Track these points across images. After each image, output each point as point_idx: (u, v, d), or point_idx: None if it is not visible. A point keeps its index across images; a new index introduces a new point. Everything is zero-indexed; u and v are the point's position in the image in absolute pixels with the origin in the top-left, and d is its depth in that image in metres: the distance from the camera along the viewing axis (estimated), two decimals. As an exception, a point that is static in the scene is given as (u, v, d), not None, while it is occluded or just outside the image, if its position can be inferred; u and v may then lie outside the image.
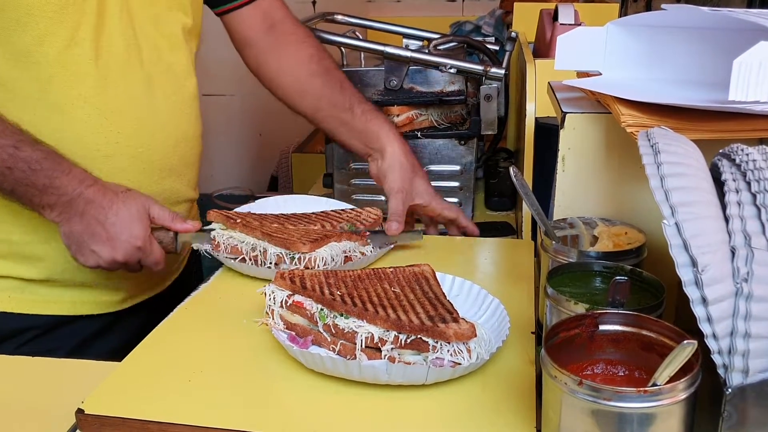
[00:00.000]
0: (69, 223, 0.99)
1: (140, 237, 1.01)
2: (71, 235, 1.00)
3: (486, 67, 1.25)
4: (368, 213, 1.14)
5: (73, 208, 0.99)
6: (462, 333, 0.76)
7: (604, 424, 0.61)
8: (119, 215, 1.00)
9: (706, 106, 0.75)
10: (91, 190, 1.00)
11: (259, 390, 0.80)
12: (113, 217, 1.00)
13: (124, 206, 1.01)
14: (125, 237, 1.00)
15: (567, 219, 0.91)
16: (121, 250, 1.00)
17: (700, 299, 0.59)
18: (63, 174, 0.99)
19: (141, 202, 1.03)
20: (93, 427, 0.75)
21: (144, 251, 1.02)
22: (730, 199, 0.62)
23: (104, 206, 1.00)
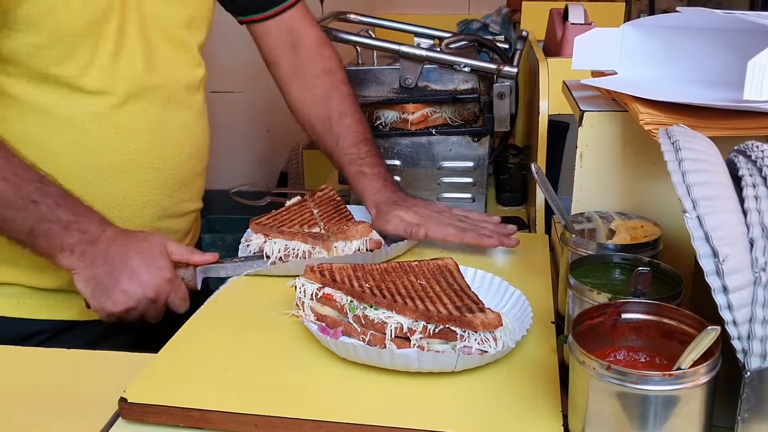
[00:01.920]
0: (92, 266, 0.98)
1: (167, 269, 1.01)
2: (95, 278, 0.98)
3: (499, 65, 1.29)
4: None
5: (96, 249, 0.98)
6: (489, 322, 0.80)
7: (630, 407, 0.64)
8: (142, 252, 1.00)
9: (720, 105, 0.78)
10: (112, 230, 1.00)
11: (294, 378, 0.83)
12: (137, 255, 0.99)
13: (146, 243, 1.01)
14: (153, 272, 0.99)
15: (584, 213, 0.94)
16: (151, 286, 0.99)
17: (721, 288, 0.62)
18: (85, 212, 0.99)
19: (159, 239, 1.03)
20: (136, 415, 0.79)
21: (173, 285, 1.01)
22: (747, 194, 0.66)
23: (126, 245, 0.99)
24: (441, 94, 1.33)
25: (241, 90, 2.40)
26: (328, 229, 1.11)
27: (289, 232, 1.10)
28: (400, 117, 1.35)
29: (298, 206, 1.21)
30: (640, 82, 0.91)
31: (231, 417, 0.76)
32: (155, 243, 1.02)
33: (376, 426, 0.74)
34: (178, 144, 1.15)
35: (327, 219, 1.16)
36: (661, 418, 0.64)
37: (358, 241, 1.08)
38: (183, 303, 1.03)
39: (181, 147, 1.16)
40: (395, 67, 1.32)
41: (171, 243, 1.04)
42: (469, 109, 1.37)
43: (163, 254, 1.01)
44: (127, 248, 0.99)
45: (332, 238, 1.08)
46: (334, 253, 1.06)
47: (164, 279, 1.00)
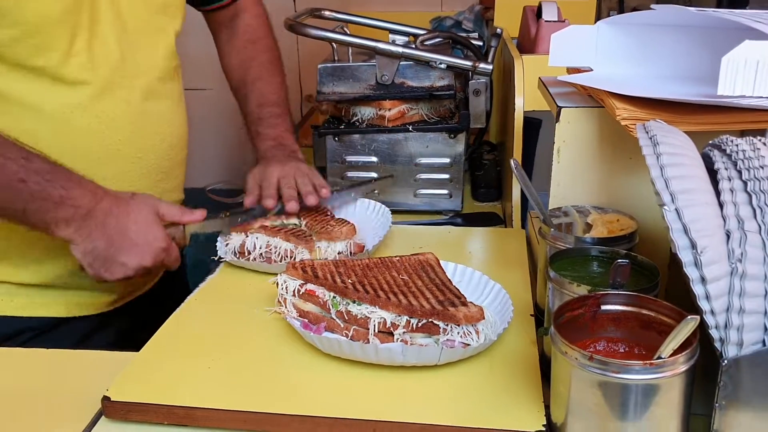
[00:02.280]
0: (90, 238, 0.98)
1: (163, 238, 1.02)
2: (94, 252, 0.99)
3: (475, 62, 1.30)
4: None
5: (92, 221, 0.98)
6: (471, 315, 0.81)
7: (612, 396, 0.66)
8: (138, 222, 1.01)
9: (695, 100, 0.80)
10: (106, 202, 1.00)
11: (278, 374, 0.83)
12: (134, 225, 1.00)
13: (139, 212, 1.02)
14: (150, 241, 1.01)
15: (562, 208, 0.96)
16: (149, 255, 1.01)
17: (699, 278, 0.64)
18: (76, 185, 0.98)
19: (150, 203, 1.04)
20: (119, 414, 0.78)
21: (169, 250, 1.03)
22: (723, 187, 0.67)
23: (122, 215, 1.00)
24: (417, 90, 1.34)
25: (212, 87, 2.38)
26: (310, 227, 1.11)
27: (271, 228, 1.10)
28: (376, 114, 1.36)
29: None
30: (615, 78, 0.92)
31: (216, 414, 0.77)
32: (149, 210, 1.03)
33: (362, 420, 0.74)
34: (159, 133, 1.16)
35: (306, 215, 1.16)
36: (642, 407, 0.66)
37: (342, 243, 1.08)
38: (176, 262, 1.06)
39: (162, 136, 1.17)
40: (372, 63, 1.33)
41: (162, 205, 1.05)
42: (445, 105, 1.38)
43: (156, 221, 1.03)
44: (123, 219, 1.00)
45: (315, 237, 1.08)
46: (317, 253, 1.06)
47: (160, 248, 1.01)
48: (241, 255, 1.09)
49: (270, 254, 1.07)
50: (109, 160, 1.09)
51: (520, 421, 0.73)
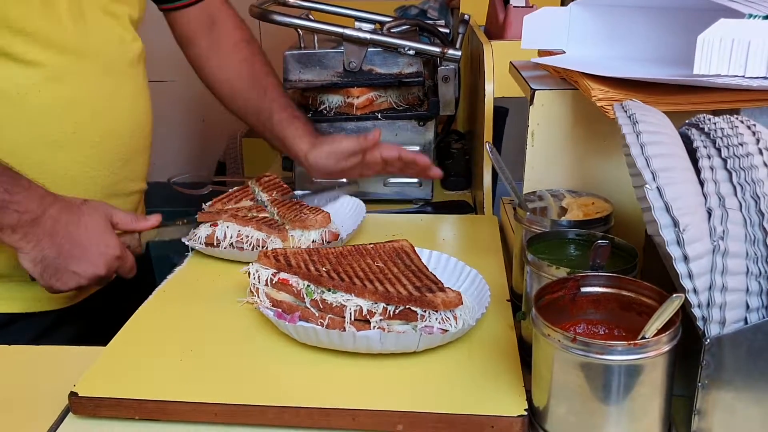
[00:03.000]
0: (38, 247, 0.94)
1: (116, 245, 0.99)
2: (44, 261, 0.95)
3: (443, 49, 1.29)
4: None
5: (40, 229, 0.94)
6: (449, 301, 0.79)
7: (595, 377, 0.65)
8: (89, 229, 0.97)
9: (671, 80, 0.80)
10: (56, 208, 0.96)
11: (252, 365, 0.81)
12: (85, 233, 0.97)
13: (91, 219, 0.98)
14: (102, 250, 0.98)
15: (536, 192, 0.95)
16: (102, 264, 0.97)
17: (682, 257, 0.64)
18: (23, 190, 0.93)
19: (103, 210, 1.01)
20: (87, 410, 0.75)
21: (122, 259, 1.00)
22: (703, 165, 0.67)
23: (72, 222, 0.96)
24: (386, 77, 1.32)
25: (173, 79, 2.33)
26: (283, 216, 1.09)
27: (242, 217, 1.07)
28: (344, 101, 1.34)
29: (240, 191, 1.19)
30: (588, 59, 0.92)
31: (189, 407, 0.74)
32: (100, 217, 0.99)
33: (340, 409, 0.72)
34: (120, 118, 1.12)
35: (278, 204, 1.13)
36: (626, 388, 0.65)
37: (316, 232, 1.06)
38: (131, 272, 1.03)
39: (123, 121, 1.13)
40: (339, 50, 1.31)
41: (116, 213, 1.02)
42: (413, 93, 1.37)
43: (109, 228, 1.00)
44: (74, 226, 0.96)
45: (289, 226, 1.06)
46: (291, 242, 1.04)
47: (113, 256, 0.99)
48: (209, 245, 1.06)
49: (241, 243, 1.05)
50: (67, 143, 1.05)
51: (501, 406, 0.72)
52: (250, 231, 1.05)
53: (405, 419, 0.72)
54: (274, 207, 1.13)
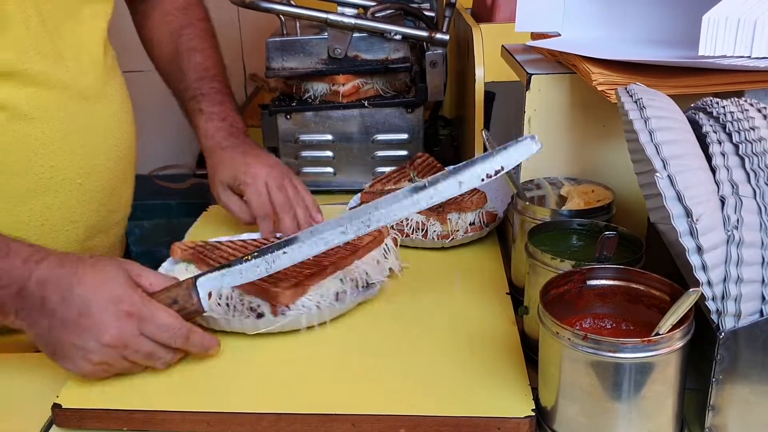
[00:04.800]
0: (32, 324, 0.74)
1: (124, 299, 0.73)
2: (43, 339, 0.74)
3: (431, 33, 1.25)
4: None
5: (27, 301, 0.73)
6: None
7: (607, 375, 0.62)
8: (86, 282, 0.74)
9: (676, 62, 0.77)
10: (44, 266, 0.74)
11: (245, 371, 0.77)
12: (80, 287, 0.73)
13: (92, 269, 0.75)
14: (104, 305, 0.73)
15: (534, 180, 0.92)
16: (106, 328, 0.72)
17: (696, 248, 0.61)
18: (2, 253, 0.75)
19: (116, 263, 0.78)
20: (72, 422, 0.72)
21: (140, 318, 0.73)
22: (714, 151, 0.64)
23: (66, 278, 0.74)
24: (372, 64, 1.28)
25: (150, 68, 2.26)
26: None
27: None
28: (330, 89, 1.30)
29: (398, 172, 1.17)
30: (585, 42, 0.88)
31: (180, 416, 0.71)
32: (109, 267, 0.76)
33: (339, 415, 0.69)
34: (102, 149, 0.97)
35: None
36: (639, 386, 0.62)
37: (473, 213, 1.02)
38: (176, 335, 0.75)
39: (107, 152, 0.98)
40: (323, 36, 1.27)
41: (137, 269, 0.78)
42: (400, 79, 1.33)
43: (118, 278, 0.75)
44: (66, 282, 0.74)
45: (446, 209, 1.02)
46: (448, 225, 1.01)
47: (121, 312, 0.73)
48: None
49: (402, 227, 1.02)
50: (40, 191, 0.90)
51: (507, 407, 0.69)
52: (411, 214, 1.00)
53: (407, 424, 0.69)
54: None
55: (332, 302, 0.85)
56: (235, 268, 0.78)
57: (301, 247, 0.78)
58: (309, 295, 0.83)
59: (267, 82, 1.40)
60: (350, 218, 0.77)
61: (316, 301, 0.84)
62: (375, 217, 0.77)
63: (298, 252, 0.78)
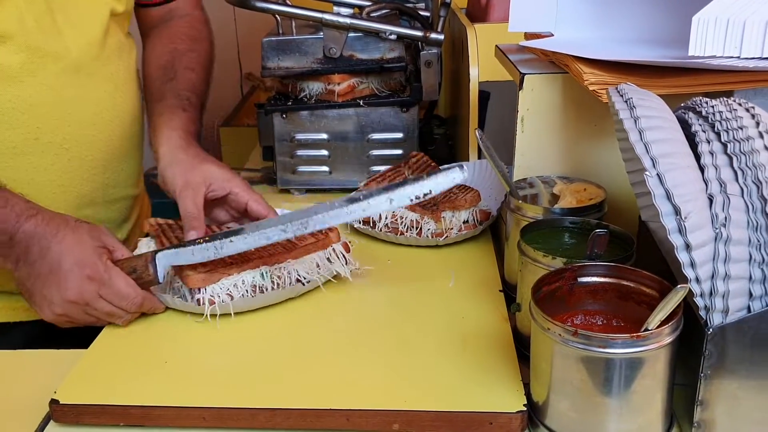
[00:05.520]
0: (17, 268, 0.86)
1: (89, 264, 0.84)
2: (21, 283, 0.87)
3: (426, 32, 1.26)
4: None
5: (15, 249, 0.85)
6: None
7: (597, 371, 0.63)
8: (64, 242, 0.85)
9: (666, 62, 0.78)
10: (32, 222, 0.85)
11: (241, 366, 0.78)
12: (56, 246, 0.84)
13: (71, 232, 0.86)
14: (70, 266, 0.83)
15: (527, 179, 0.93)
16: (68, 285, 0.83)
17: (684, 245, 0.62)
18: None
19: (93, 229, 0.88)
20: (69, 417, 0.72)
21: (100, 282, 0.84)
22: (702, 150, 0.65)
23: (48, 236, 0.85)
24: (367, 63, 1.29)
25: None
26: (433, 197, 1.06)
27: None
28: (325, 89, 1.30)
29: (394, 171, 1.18)
30: (577, 42, 0.89)
31: (176, 412, 0.72)
32: (86, 232, 0.87)
33: (334, 410, 0.70)
34: (93, 122, 1.03)
35: None
36: (628, 381, 0.63)
37: (466, 212, 1.04)
38: (125, 303, 0.85)
39: (99, 125, 1.04)
40: (319, 36, 1.27)
41: (110, 239, 0.89)
42: (395, 79, 1.34)
43: (91, 244, 0.86)
44: (47, 240, 0.85)
45: (440, 207, 1.03)
46: (443, 223, 1.02)
47: (82, 275, 0.84)
48: (366, 223, 1.06)
49: (396, 225, 1.04)
50: (28, 150, 0.97)
51: (499, 402, 0.70)
52: (404, 212, 1.03)
53: (401, 418, 0.69)
54: None
55: (247, 294, 0.86)
56: (188, 248, 0.87)
57: (245, 238, 0.85)
58: (221, 284, 0.86)
59: (263, 81, 1.41)
60: (291, 219, 0.85)
61: (227, 290, 0.85)
62: (313, 220, 0.84)
63: (243, 242, 0.85)
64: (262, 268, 0.88)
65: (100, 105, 1.04)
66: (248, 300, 0.86)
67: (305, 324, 0.85)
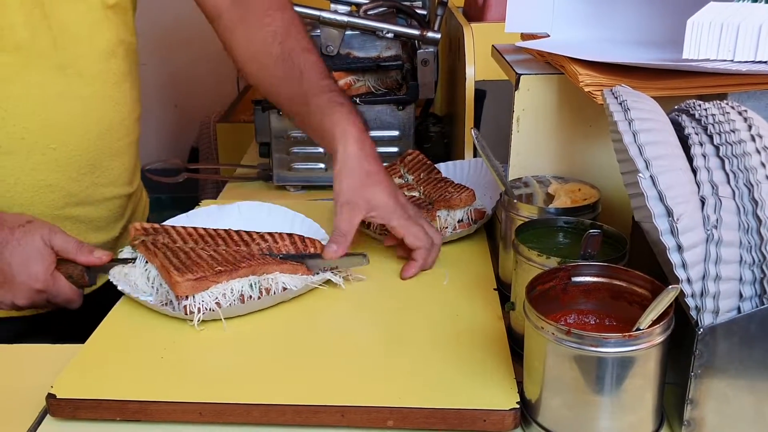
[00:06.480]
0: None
1: (39, 278, 0.91)
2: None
3: (422, 31, 1.26)
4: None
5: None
6: None
7: (589, 369, 0.64)
8: (14, 255, 0.90)
9: (660, 64, 0.78)
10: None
11: (237, 362, 0.79)
12: (8, 257, 0.90)
13: (19, 245, 0.91)
14: (23, 279, 0.90)
15: (522, 178, 0.94)
16: (20, 295, 0.91)
17: (676, 247, 0.63)
18: None
19: (40, 235, 0.92)
20: (66, 412, 0.73)
21: (48, 292, 0.92)
22: (695, 152, 0.66)
23: (2, 245, 0.90)
24: (364, 61, 1.29)
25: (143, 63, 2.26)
26: (428, 195, 1.06)
27: None
28: (322, 86, 1.31)
29: (389, 170, 1.14)
30: (573, 43, 0.90)
31: (172, 407, 0.72)
32: (33, 242, 0.91)
33: (328, 406, 0.71)
34: (82, 122, 1.01)
35: (423, 183, 1.11)
36: (620, 379, 0.64)
37: (461, 211, 1.03)
38: (69, 305, 0.94)
39: (87, 125, 1.02)
40: (316, 34, 1.28)
41: (57, 237, 0.92)
42: (392, 77, 1.34)
43: (40, 256, 0.91)
44: (1, 250, 0.90)
45: (435, 206, 1.03)
46: (438, 222, 1.01)
47: (33, 288, 0.91)
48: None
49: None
50: (15, 149, 0.97)
51: (493, 400, 0.71)
52: None
53: (395, 415, 0.70)
54: (420, 186, 1.10)
55: (235, 303, 0.85)
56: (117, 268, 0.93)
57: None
58: (210, 292, 0.84)
59: (259, 77, 1.41)
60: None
61: (215, 299, 0.84)
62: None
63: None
64: (250, 278, 0.86)
65: (90, 104, 1.03)
66: (236, 308, 0.85)
67: (300, 321, 0.86)
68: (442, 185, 1.10)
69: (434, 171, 1.17)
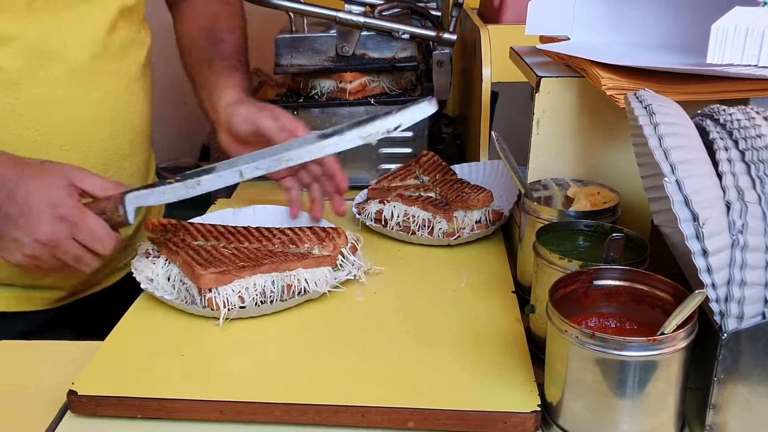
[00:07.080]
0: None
1: (61, 204, 0.83)
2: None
3: (438, 32, 1.26)
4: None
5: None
6: None
7: (612, 373, 0.64)
8: (30, 185, 0.84)
9: (684, 69, 0.78)
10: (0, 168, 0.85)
11: (258, 361, 0.79)
12: (24, 188, 0.83)
13: (38, 175, 0.85)
14: (42, 207, 0.82)
15: (541, 181, 0.94)
16: (41, 227, 0.82)
17: (701, 251, 0.63)
18: None
19: (61, 169, 0.87)
20: (87, 408, 0.73)
21: (71, 220, 0.83)
22: (720, 157, 0.66)
23: (12, 179, 0.84)
24: (379, 62, 1.29)
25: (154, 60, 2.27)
26: (445, 196, 1.07)
27: (408, 197, 1.07)
28: (337, 86, 1.31)
29: (405, 169, 1.18)
30: (595, 46, 0.90)
31: (193, 405, 0.72)
32: (53, 174, 0.85)
33: (349, 406, 0.71)
34: (93, 122, 1.01)
35: (440, 184, 1.12)
36: (642, 383, 0.64)
37: (478, 212, 1.04)
38: (99, 245, 0.85)
39: (100, 125, 1.02)
40: (332, 34, 1.28)
41: (84, 177, 0.87)
42: (406, 77, 1.35)
43: (61, 186, 0.84)
44: (13, 183, 0.83)
45: (453, 207, 1.04)
46: (455, 223, 1.02)
47: (55, 216, 0.83)
48: (377, 221, 1.07)
49: (408, 223, 1.05)
50: (26, 152, 0.93)
51: (513, 402, 0.71)
52: (416, 211, 1.04)
53: (416, 416, 0.70)
54: (436, 187, 1.11)
55: (257, 299, 0.86)
56: (158, 189, 0.87)
57: (219, 176, 0.86)
58: (233, 286, 0.84)
59: (270, 77, 1.42)
60: (264, 156, 0.86)
61: (238, 293, 0.84)
62: (286, 156, 0.86)
63: (215, 180, 0.86)
64: (273, 275, 0.87)
65: (102, 105, 1.02)
66: (261, 308, 0.86)
67: (321, 321, 0.86)
68: (459, 186, 1.10)
69: (449, 172, 1.17)
